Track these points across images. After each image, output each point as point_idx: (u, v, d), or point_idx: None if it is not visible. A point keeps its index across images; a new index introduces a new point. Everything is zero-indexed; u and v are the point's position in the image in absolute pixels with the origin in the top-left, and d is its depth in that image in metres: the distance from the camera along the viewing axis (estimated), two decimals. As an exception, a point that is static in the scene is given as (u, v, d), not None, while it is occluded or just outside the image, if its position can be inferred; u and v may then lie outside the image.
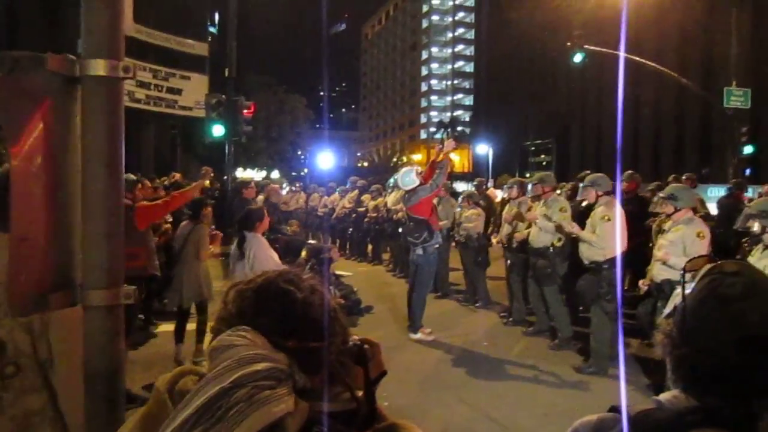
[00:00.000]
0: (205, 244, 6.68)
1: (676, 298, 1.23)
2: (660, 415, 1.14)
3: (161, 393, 1.07)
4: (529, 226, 8.03)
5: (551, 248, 7.54)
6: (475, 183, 12.39)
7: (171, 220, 8.19)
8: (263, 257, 5.63)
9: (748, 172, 24.02)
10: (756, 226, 4.72)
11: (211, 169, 7.60)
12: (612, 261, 6.38)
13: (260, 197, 15.61)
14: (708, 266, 1.22)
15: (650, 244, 7.46)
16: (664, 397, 1.19)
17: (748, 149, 20.26)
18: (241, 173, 40.36)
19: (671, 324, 1.20)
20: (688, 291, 1.20)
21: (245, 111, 15.81)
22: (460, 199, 10.61)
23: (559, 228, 7.34)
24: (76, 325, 1.59)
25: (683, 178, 9.86)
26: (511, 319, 8.61)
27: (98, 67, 1.43)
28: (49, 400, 1.79)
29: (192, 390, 0.99)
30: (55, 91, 1.44)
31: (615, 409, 1.19)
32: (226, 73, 15.70)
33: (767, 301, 1.13)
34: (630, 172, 9.03)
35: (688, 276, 1.24)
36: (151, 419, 1.06)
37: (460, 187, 27.75)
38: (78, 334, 1.55)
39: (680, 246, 5.56)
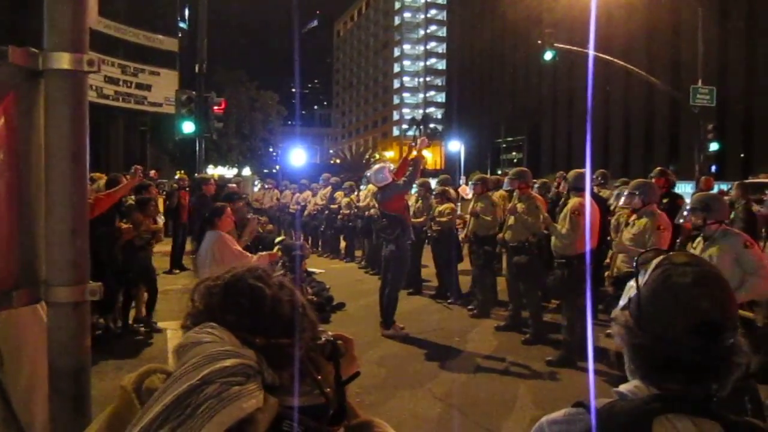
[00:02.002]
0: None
1: (630, 290, 1.26)
2: (624, 405, 1.16)
3: (128, 392, 1.06)
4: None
5: (527, 244, 7.63)
6: (438, 180, 11.66)
7: (164, 221, 8.04)
8: (219, 257, 5.37)
9: (713, 168, 24.51)
10: (693, 219, 4.93)
11: (141, 168, 7.52)
12: (581, 256, 6.48)
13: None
14: (659, 258, 1.25)
15: (608, 238, 7.63)
16: (625, 387, 1.22)
17: (713, 146, 20.63)
18: (212, 170, 40.03)
19: (627, 315, 1.23)
20: (641, 282, 1.23)
21: (216, 107, 15.68)
22: (432, 195, 10.65)
23: (533, 225, 7.45)
24: (24, 324, 1.56)
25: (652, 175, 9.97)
26: (476, 311, 8.73)
27: (62, 61, 1.40)
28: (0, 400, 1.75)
29: (160, 388, 0.98)
30: (18, 84, 1.41)
31: (581, 404, 1.21)
32: (197, 69, 15.52)
33: (717, 288, 1.18)
34: (660, 168, 8.98)
35: (640, 268, 1.27)
36: (118, 418, 1.05)
37: (432, 184, 27.73)
38: (26, 333, 1.53)
39: (641, 239, 5.77)
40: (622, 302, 1.27)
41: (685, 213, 5.10)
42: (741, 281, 4.58)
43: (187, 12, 26.80)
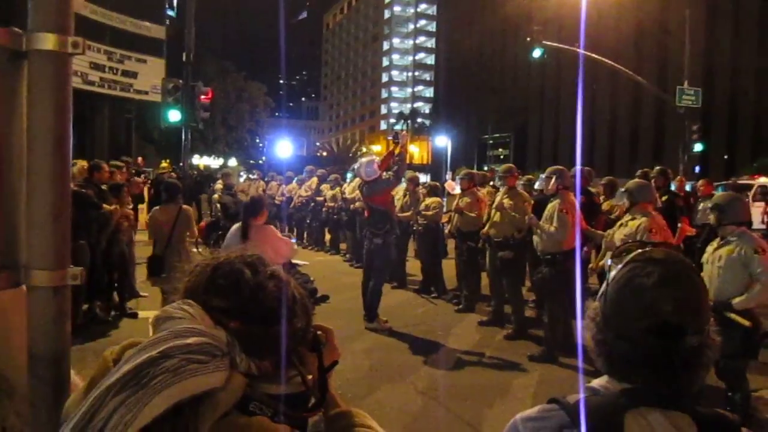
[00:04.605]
0: (194, 226, 6.86)
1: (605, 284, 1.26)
2: (596, 400, 1.17)
3: (108, 361, 1.08)
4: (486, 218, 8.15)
5: (512, 240, 7.66)
6: (408, 177, 10.49)
7: (131, 207, 8.07)
8: (266, 247, 5.28)
9: (697, 169, 24.76)
10: (712, 219, 4.99)
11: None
12: (569, 253, 6.49)
13: (219, 185, 15.42)
14: (633, 254, 1.24)
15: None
16: (597, 383, 1.24)
17: (698, 147, 20.84)
18: (198, 160, 39.79)
19: (596, 308, 1.24)
20: (610, 277, 1.24)
21: (203, 97, 15.58)
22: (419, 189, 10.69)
23: (519, 221, 7.48)
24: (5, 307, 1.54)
25: (638, 172, 10.01)
26: (461, 306, 8.76)
27: (46, 42, 1.38)
28: None
29: (125, 357, 1.01)
30: (1, 65, 1.39)
31: (554, 401, 1.21)
32: (184, 58, 15.40)
33: (682, 289, 1.17)
34: (661, 168, 9.10)
35: (614, 261, 1.27)
36: (95, 384, 1.05)
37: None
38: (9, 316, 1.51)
39: (635, 237, 5.78)
40: (598, 295, 1.27)
41: (700, 212, 5.14)
42: (746, 286, 4.57)
43: (175, 0, 26.54)
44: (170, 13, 25.03)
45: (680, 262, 1.22)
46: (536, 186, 7.93)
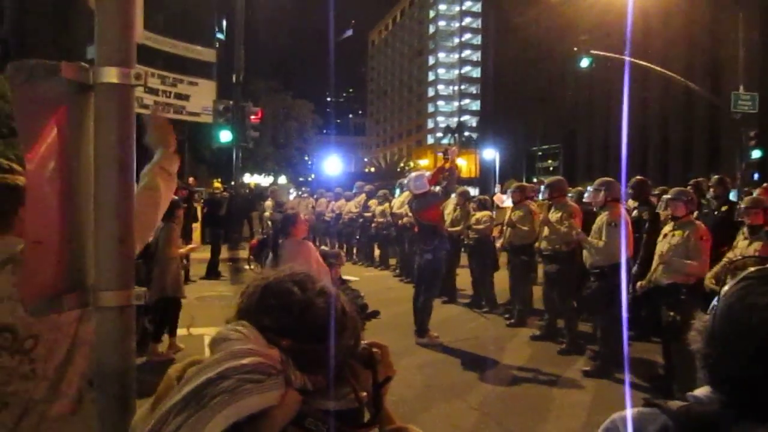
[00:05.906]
0: (173, 241, 6.93)
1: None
2: (701, 408, 1.13)
3: (171, 379, 1.13)
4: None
5: (560, 253, 7.55)
6: (459, 191, 10.61)
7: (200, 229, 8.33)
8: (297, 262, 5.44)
9: (756, 176, 23.93)
10: None
11: None
12: (617, 266, 6.36)
13: (269, 203, 15.68)
14: (749, 270, 1.18)
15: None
16: (700, 392, 1.19)
17: (756, 153, 20.15)
18: (248, 178, 40.52)
19: (705, 321, 1.19)
20: (723, 291, 1.18)
21: (252, 117, 15.94)
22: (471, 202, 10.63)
23: (566, 234, 7.35)
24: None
25: (691, 181, 9.74)
26: (512, 320, 8.69)
27: (111, 75, 1.46)
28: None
29: (185, 378, 1.06)
30: (69, 98, 1.48)
31: (654, 404, 1.18)
32: (234, 79, 15.79)
33: None
34: (719, 176, 8.77)
35: (729, 274, 1.22)
36: (160, 401, 1.11)
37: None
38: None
39: (683, 249, 5.65)
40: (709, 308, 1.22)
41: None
42: None
43: (224, 23, 27.18)
44: (219, 36, 25.63)
45: None
46: (585, 198, 7.82)
